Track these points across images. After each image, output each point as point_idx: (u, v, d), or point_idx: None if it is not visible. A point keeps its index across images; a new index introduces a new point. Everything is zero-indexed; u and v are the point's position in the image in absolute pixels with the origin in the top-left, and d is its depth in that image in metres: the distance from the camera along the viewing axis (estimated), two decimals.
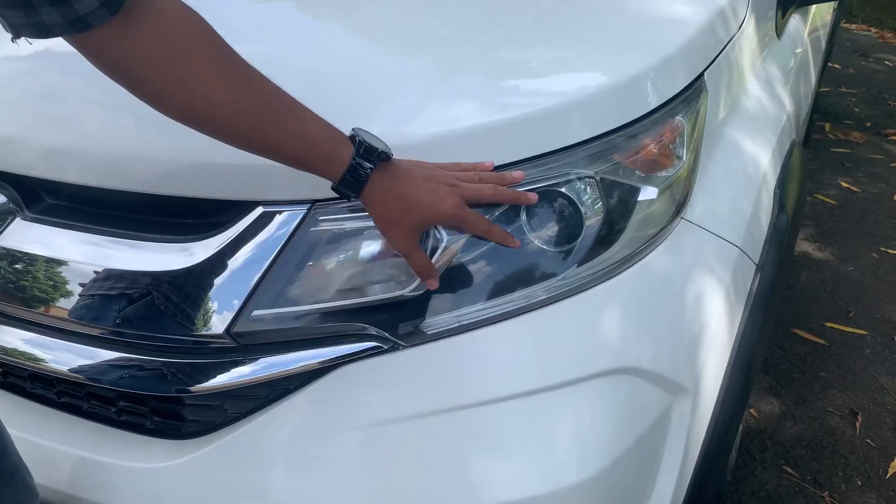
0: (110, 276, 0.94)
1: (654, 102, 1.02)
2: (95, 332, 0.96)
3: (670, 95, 1.06)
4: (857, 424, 2.10)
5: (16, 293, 0.99)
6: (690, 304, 1.03)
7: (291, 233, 0.90)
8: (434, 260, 0.91)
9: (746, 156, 1.21)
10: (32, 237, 0.98)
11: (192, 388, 0.93)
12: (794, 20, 1.86)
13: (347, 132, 0.85)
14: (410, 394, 0.91)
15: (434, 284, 0.91)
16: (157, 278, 0.92)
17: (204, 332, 0.91)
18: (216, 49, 0.75)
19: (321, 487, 0.89)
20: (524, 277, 0.96)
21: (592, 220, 0.97)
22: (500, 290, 0.95)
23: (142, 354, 0.94)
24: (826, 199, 3.53)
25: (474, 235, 0.93)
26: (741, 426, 1.83)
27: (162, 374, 0.94)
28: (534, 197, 0.94)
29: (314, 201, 0.91)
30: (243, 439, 0.93)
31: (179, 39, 0.72)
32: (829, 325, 2.54)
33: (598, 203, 0.97)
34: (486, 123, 0.95)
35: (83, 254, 0.95)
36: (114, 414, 1.00)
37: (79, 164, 0.95)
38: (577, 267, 0.96)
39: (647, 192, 1.00)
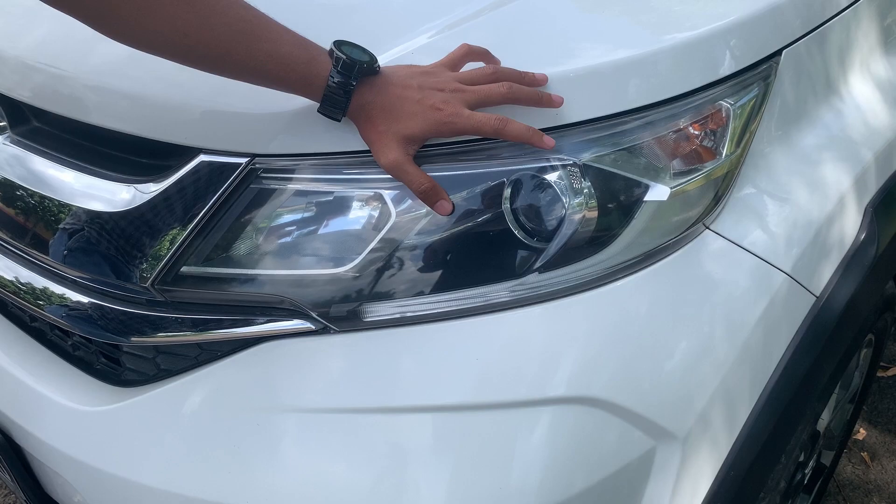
0: (59, 208, 0.91)
1: (684, 85, 0.83)
2: (39, 261, 0.94)
3: (717, 77, 0.85)
4: None
5: None
6: (698, 336, 0.84)
7: (228, 187, 0.82)
8: None
9: (826, 163, 0.96)
10: (7, 157, 0.97)
11: (121, 337, 0.89)
12: None
13: None
14: (334, 383, 0.82)
15: (446, 207, 0.78)
16: (96, 217, 0.88)
17: (130, 283, 0.86)
18: None
19: (220, 463, 0.82)
20: (486, 273, 0.82)
21: (576, 218, 0.80)
22: (455, 283, 0.82)
23: (77, 293, 0.91)
24: None
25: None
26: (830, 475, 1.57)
27: (96, 316, 0.90)
28: (559, 100, 0.79)
29: (254, 155, 0.82)
30: (165, 397, 0.87)
31: None
32: None
33: (584, 199, 0.80)
34: None
35: (42, 181, 0.93)
36: (69, 347, 0.98)
37: (42, 89, 0.92)
38: (547, 272, 0.81)
39: (658, 192, 0.82)
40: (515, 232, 0.82)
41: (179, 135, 0.84)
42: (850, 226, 0.98)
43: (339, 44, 0.76)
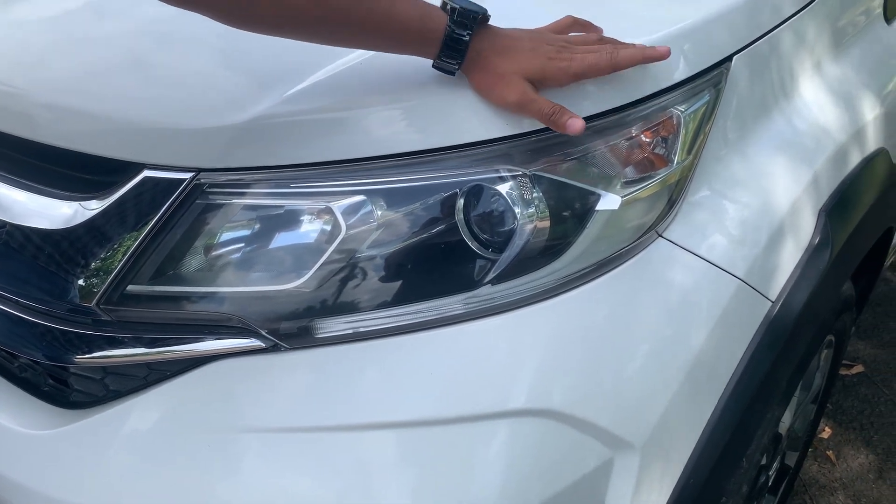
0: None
1: (638, 92, 0.83)
2: None
3: (668, 84, 0.85)
4: None
5: None
6: (651, 344, 0.84)
7: (173, 203, 0.80)
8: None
9: (779, 168, 0.96)
10: None
11: (67, 358, 0.86)
12: None
13: None
14: (285, 403, 0.80)
15: (578, 124, 0.77)
16: (38, 235, 0.85)
17: (75, 302, 0.83)
18: None
19: (172, 485, 0.80)
20: (439, 286, 0.81)
21: (528, 228, 0.80)
22: (408, 296, 0.81)
23: (22, 313, 0.88)
24: None
25: None
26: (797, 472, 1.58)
27: (40, 337, 0.87)
28: (665, 50, 0.81)
29: (199, 170, 0.80)
30: (114, 419, 0.84)
31: None
32: None
33: (535, 209, 0.79)
34: (407, 104, 0.80)
35: None
36: (16, 369, 0.96)
37: None
38: (500, 283, 0.80)
39: (609, 201, 0.81)
40: (469, 243, 0.81)
41: (123, 150, 0.82)
42: (804, 230, 0.98)
43: None
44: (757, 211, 0.92)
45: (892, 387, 2.09)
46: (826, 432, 1.94)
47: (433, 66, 0.79)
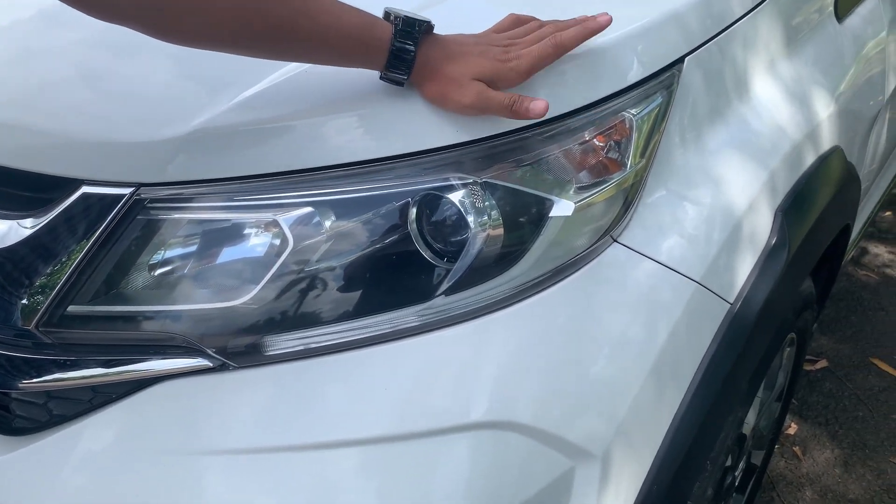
0: None
1: (590, 96, 0.82)
2: None
3: (619, 87, 0.84)
4: None
5: None
6: (609, 351, 0.83)
7: (113, 220, 0.77)
8: None
9: (734, 169, 0.96)
10: None
11: (11, 384, 0.82)
12: None
13: None
14: (235, 424, 0.77)
15: (540, 105, 0.75)
16: None
17: (13, 325, 0.80)
18: None
19: None
20: (392, 298, 0.79)
21: (481, 237, 0.78)
22: (361, 310, 0.79)
23: None
24: None
25: None
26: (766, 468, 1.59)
27: None
28: (605, 18, 0.81)
29: (140, 184, 0.77)
30: (59, 444, 0.81)
31: None
32: None
33: (488, 217, 0.78)
34: (355, 113, 0.78)
35: None
36: None
37: None
38: (455, 294, 0.78)
39: (563, 207, 0.80)
40: (423, 253, 0.79)
41: (59, 166, 0.79)
42: (761, 231, 0.98)
43: (390, 8, 0.77)
44: (713, 213, 0.92)
45: (856, 381, 2.11)
46: (792, 428, 1.95)
47: (381, 78, 0.77)
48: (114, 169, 0.77)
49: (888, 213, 3.02)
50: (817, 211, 1.09)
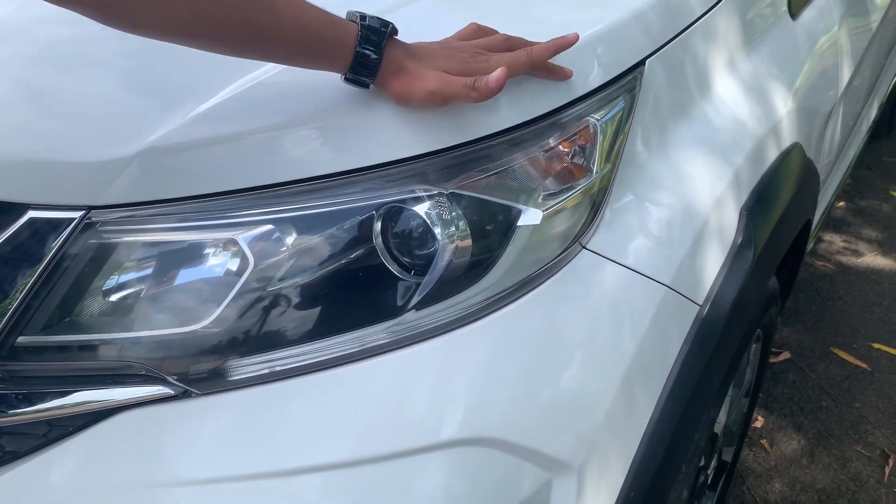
0: None
1: (553, 102, 0.80)
2: None
3: (582, 92, 0.83)
4: (887, 470, 1.82)
5: None
6: (582, 359, 0.81)
7: (63, 246, 0.73)
8: None
9: (699, 171, 0.95)
10: None
11: None
12: None
13: None
14: (199, 453, 0.74)
15: (497, 75, 0.73)
16: None
17: None
18: None
19: None
20: (360, 315, 0.77)
21: (449, 249, 0.76)
22: (327, 329, 0.76)
23: None
24: None
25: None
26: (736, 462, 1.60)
27: None
28: (569, 72, 0.82)
29: (90, 207, 0.74)
30: (12, 483, 0.77)
31: None
32: (876, 346, 2.23)
33: (455, 229, 0.76)
34: (314, 126, 0.75)
35: None
36: None
37: None
38: (425, 308, 0.76)
39: (531, 216, 0.79)
40: (390, 267, 0.77)
41: (3, 190, 0.75)
42: (727, 231, 0.97)
43: (352, 12, 0.75)
44: (680, 215, 0.91)
45: (818, 370, 2.14)
46: (759, 421, 1.96)
47: (344, 80, 0.75)
48: (61, 192, 0.74)
49: (841, 204, 3.08)
50: (780, 208, 1.09)
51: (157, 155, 0.73)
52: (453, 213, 0.76)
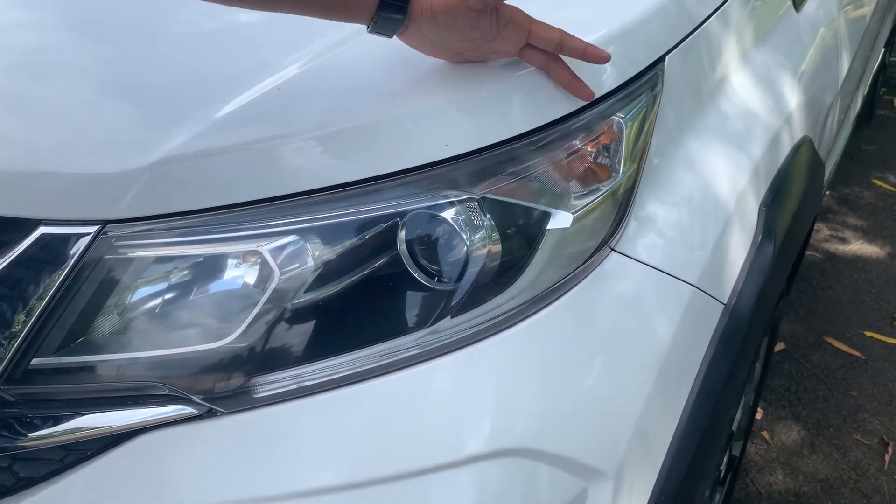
0: None
1: (574, 102, 0.78)
2: None
3: (605, 91, 0.81)
4: (887, 458, 1.83)
5: None
6: (614, 364, 0.80)
7: (77, 262, 0.70)
8: None
9: (720, 167, 0.94)
10: None
11: None
12: None
13: None
14: (227, 474, 0.71)
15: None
16: None
17: None
18: None
19: None
20: (390, 326, 0.74)
21: (481, 254, 0.74)
22: (356, 341, 0.74)
23: None
24: (886, 186, 3.18)
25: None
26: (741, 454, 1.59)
27: None
28: (606, 55, 0.77)
29: (105, 222, 0.70)
30: None
31: None
32: (868, 334, 2.25)
33: (486, 234, 0.74)
34: (336, 131, 0.73)
35: None
36: None
37: None
38: (455, 317, 0.74)
39: (560, 219, 0.77)
40: (417, 276, 0.74)
41: (13, 206, 0.71)
42: (748, 228, 0.96)
43: None
44: (704, 212, 0.90)
45: (813, 360, 2.15)
46: (759, 413, 1.97)
47: (368, 30, 0.73)
48: (74, 206, 0.70)
49: (827, 193, 3.10)
50: (796, 203, 1.08)
51: (175, 165, 0.70)
52: (483, 218, 0.74)
